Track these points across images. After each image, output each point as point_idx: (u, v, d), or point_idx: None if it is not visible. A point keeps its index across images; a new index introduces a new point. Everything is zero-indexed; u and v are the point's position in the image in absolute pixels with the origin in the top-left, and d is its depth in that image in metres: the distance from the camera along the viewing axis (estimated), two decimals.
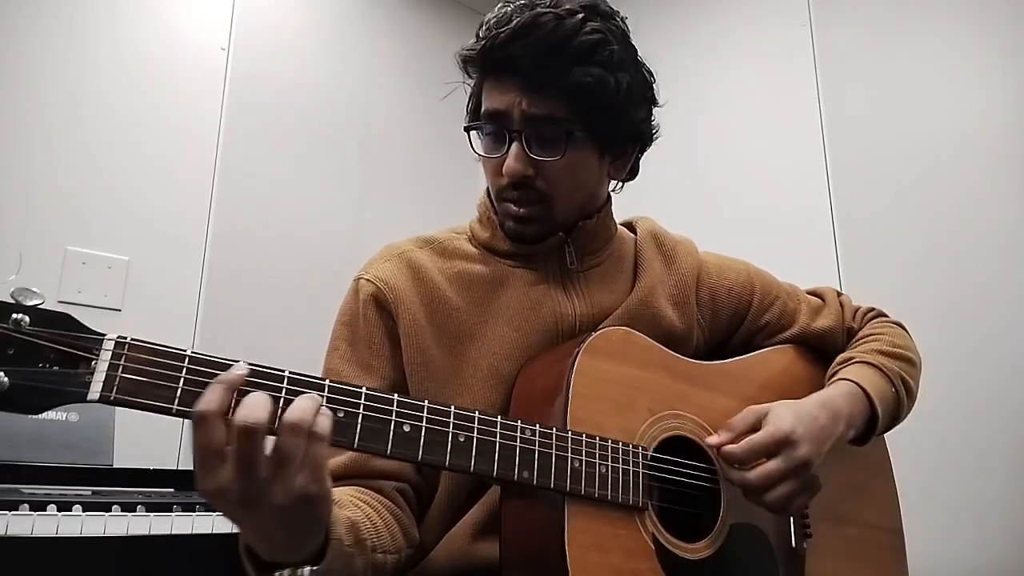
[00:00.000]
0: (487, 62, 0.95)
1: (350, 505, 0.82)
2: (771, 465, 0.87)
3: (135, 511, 1.27)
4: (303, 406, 0.64)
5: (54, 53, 1.92)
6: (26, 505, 1.18)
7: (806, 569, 0.97)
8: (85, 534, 1.21)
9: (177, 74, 2.11)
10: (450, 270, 1.00)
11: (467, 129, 1.01)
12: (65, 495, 1.26)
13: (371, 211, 2.45)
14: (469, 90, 1.02)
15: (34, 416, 0.61)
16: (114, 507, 1.25)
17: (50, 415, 1.47)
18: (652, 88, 1.02)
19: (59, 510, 1.20)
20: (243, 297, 2.11)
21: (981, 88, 1.85)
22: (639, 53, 1.00)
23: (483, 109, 0.97)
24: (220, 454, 0.61)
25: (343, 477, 0.90)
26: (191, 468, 0.63)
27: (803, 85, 2.15)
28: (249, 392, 0.63)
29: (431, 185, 2.61)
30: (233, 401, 0.62)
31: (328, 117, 2.43)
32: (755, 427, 0.90)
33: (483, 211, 1.05)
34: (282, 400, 0.65)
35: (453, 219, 1.11)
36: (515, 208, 0.96)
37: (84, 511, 1.22)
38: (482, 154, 0.99)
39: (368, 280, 0.98)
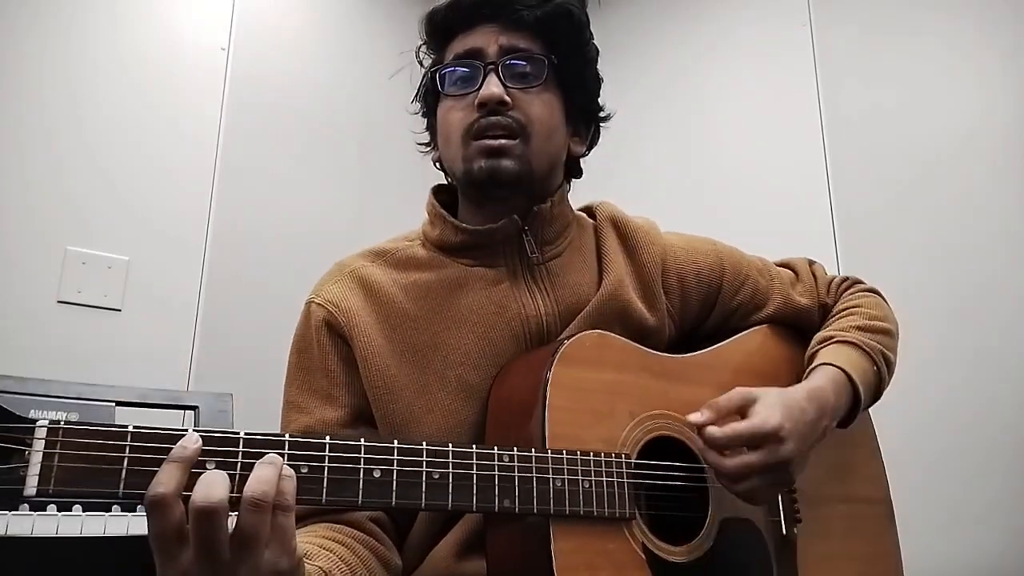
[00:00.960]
0: (463, 10, 0.95)
1: (320, 553, 0.78)
2: (751, 458, 0.82)
3: (135, 511, 1.27)
4: (263, 476, 0.59)
5: (54, 53, 1.92)
6: (26, 505, 1.18)
7: (799, 554, 0.96)
8: (85, 534, 1.21)
9: (177, 74, 2.11)
10: (405, 280, 0.96)
11: (433, 74, 0.98)
12: None
13: (371, 211, 2.44)
14: (422, 70, 1.03)
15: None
16: (114, 507, 1.25)
17: (48, 414, 1.47)
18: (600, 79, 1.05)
19: (59, 510, 1.20)
20: (243, 297, 2.11)
21: (981, 88, 1.86)
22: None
23: (452, 56, 0.96)
24: (180, 537, 0.57)
25: (312, 515, 0.86)
26: None
27: (803, 85, 2.16)
28: (205, 463, 0.60)
29: (431, 185, 2.60)
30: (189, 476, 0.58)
31: (328, 117, 2.43)
32: (741, 410, 0.86)
33: (430, 209, 1.02)
34: (239, 464, 0.61)
35: None
36: (490, 141, 0.91)
37: (84, 511, 1.22)
38: (452, 93, 0.96)
39: (319, 304, 0.94)
